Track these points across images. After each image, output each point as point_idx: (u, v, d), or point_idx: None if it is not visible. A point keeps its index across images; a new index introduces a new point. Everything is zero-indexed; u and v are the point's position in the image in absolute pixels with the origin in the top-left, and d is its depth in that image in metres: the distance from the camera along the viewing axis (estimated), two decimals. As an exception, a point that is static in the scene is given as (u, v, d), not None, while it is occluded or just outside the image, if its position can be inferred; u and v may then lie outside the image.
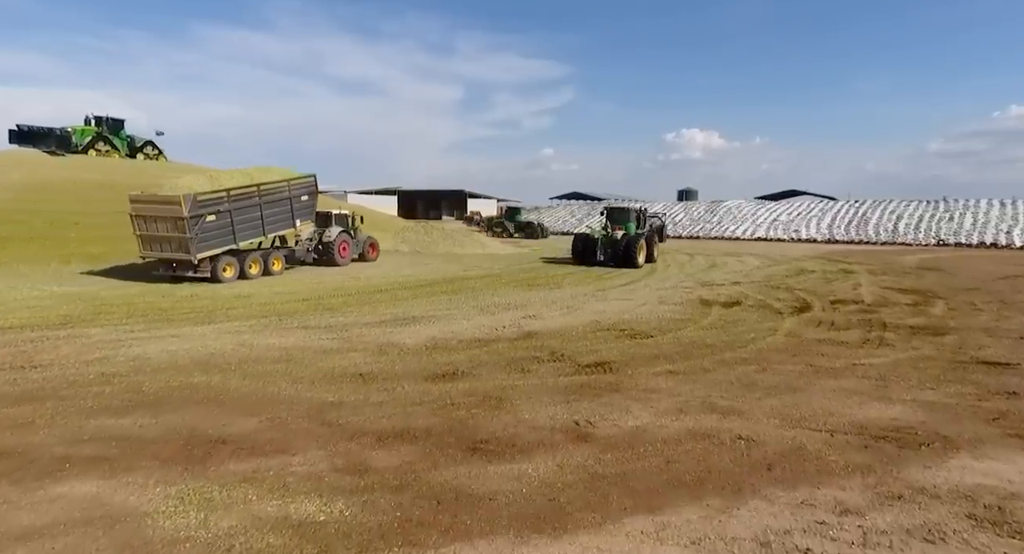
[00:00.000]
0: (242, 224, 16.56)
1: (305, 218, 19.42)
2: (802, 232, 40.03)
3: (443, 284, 15.87)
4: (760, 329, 10.25)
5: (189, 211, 14.89)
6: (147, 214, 15.53)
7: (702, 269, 20.87)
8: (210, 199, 15.80)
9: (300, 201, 18.91)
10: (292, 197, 18.50)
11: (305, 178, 19.57)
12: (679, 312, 11.92)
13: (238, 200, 16.52)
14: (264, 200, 17.38)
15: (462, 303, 12.65)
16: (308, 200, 19.40)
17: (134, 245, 19.22)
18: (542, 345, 8.90)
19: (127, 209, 15.93)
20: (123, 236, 19.86)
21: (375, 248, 22.64)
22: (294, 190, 18.64)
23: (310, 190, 19.53)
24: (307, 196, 19.30)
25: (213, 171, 20.27)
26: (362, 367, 7.46)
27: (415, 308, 11.91)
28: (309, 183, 19.58)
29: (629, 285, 16.14)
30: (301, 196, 18.97)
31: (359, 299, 13.01)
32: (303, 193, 19.09)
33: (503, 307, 12.22)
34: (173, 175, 30.67)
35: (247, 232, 16.83)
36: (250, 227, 16.94)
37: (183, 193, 15.54)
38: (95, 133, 33.17)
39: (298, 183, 19.01)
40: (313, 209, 19.87)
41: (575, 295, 14.12)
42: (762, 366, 7.80)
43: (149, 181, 27.94)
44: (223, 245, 15.96)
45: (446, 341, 9.05)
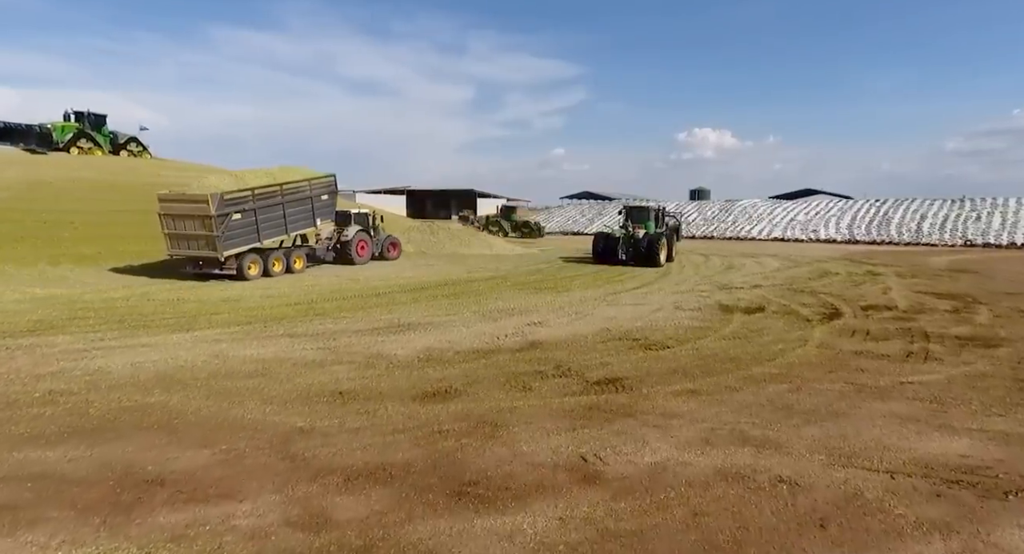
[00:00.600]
0: (266, 223, 16.89)
1: (325, 217, 19.59)
2: (820, 232, 38.71)
3: (445, 287, 15.06)
4: (788, 339, 9.30)
5: (216, 209, 15.20)
6: (175, 213, 15.88)
7: (719, 271, 19.86)
8: (236, 198, 16.25)
9: (320, 200, 19.15)
10: (313, 196, 18.78)
11: (325, 178, 19.91)
12: (697, 319, 11.00)
13: (262, 199, 16.91)
14: (287, 199, 17.71)
15: (463, 308, 11.83)
16: (328, 199, 19.63)
17: (129, 245, 18.72)
18: (547, 357, 8.04)
19: (156, 208, 16.18)
20: (119, 235, 19.35)
21: (396, 247, 22.63)
22: (315, 189, 18.94)
23: (330, 190, 19.76)
24: (327, 196, 19.53)
25: (238, 172, 20.47)
26: (344, 383, 6.65)
27: (412, 314, 11.11)
28: (329, 183, 19.87)
29: (642, 289, 15.22)
30: (321, 196, 19.23)
31: (354, 303, 12.23)
32: (323, 192, 19.37)
33: (507, 313, 11.38)
34: (195, 174, 30.27)
35: (271, 231, 17.17)
36: (274, 226, 17.29)
37: (210, 192, 15.98)
38: (76, 129, 31.70)
39: (318, 183, 19.35)
40: (333, 208, 20.02)
41: (584, 299, 13.23)
42: (796, 384, 6.87)
43: (151, 181, 27.46)
44: (248, 243, 16.26)
45: (441, 352, 8.23)
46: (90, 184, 23.52)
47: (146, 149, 35.53)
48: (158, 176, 28.60)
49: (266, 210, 16.98)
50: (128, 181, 25.37)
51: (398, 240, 23.07)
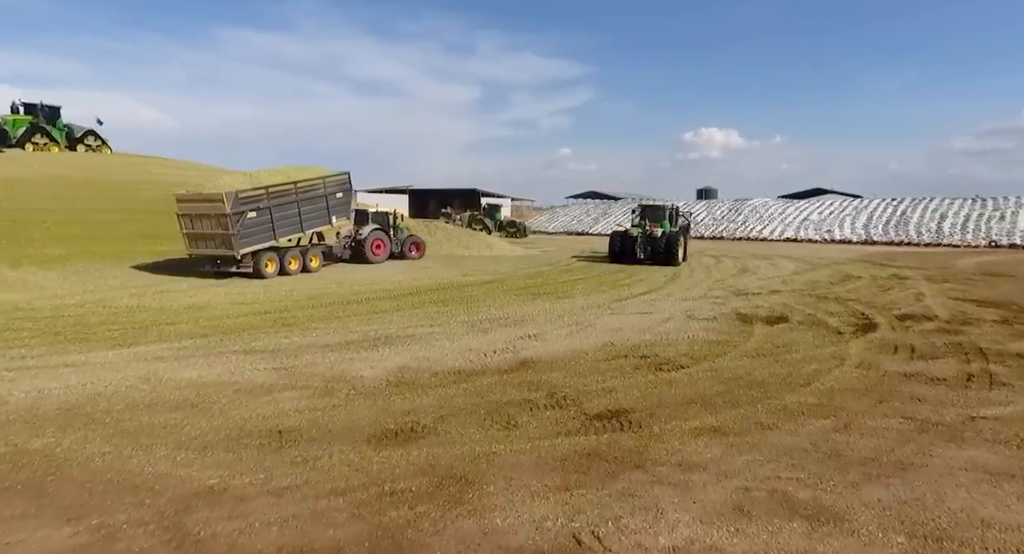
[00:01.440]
0: (281, 221, 16.88)
1: (341, 215, 19.41)
2: (835, 232, 37.22)
3: (436, 292, 13.85)
4: (821, 357, 8.03)
5: (231, 208, 15.28)
6: (192, 212, 16.09)
7: (732, 274, 18.55)
8: (251, 196, 16.36)
9: (335, 199, 19.03)
10: (328, 195, 18.71)
11: (340, 176, 19.74)
12: (713, 331, 9.74)
13: (277, 197, 16.93)
14: (301, 197, 17.65)
15: (451, 317, 10.62)
16: (343, 197, 19.47)
17: (104, 246, 17.63)
18: (539, 380, 6.81)
19: (175, 209, 16.40)
20: (94, 236, 18.27)
21: (418, 248, 22.18)
22: (329, 188, 18.84)
23: (345, 188, 19.62)
24: (342, 193, 19.36)
25: (253, 172, 20.32)
26: (288, 418, 5.45)
27: (393, 324, 9.91)
28: (344, 181, 19.70)
29: (650, 295, 13.95)
30: (336, 194, 19.11)
31: (330, 311, 11.05)
32: (338, 191, 19.23)
33: (499, 323, 10.16)
34: (212, 176, 29.28)
35: (286, 229, 17.17)
36: (289, 224, 17.27)
37: (225, 190, 16.14)
38: (30, 123, 29.42)
39: (333, 181, 19.26)
40: (348, 206, 19.83)
41: (586, 307, 11.99)
42: (841, 420, 5.61)
43: (133, 178, 26.48)
44: (264, 241, 16.31)
45: (416, 373, 7.02)
46: (66, 182, 22.50)
47: (105, 143, 33.25)
48: (148, 174, 27.62)
49: (281, 208, 16.96)
50: (109, 179, 24.36)
51: (421, 241, 22.59)
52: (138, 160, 30.70)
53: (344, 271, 18.12)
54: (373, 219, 21.09)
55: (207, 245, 16.13)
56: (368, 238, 20.34)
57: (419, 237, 22.97)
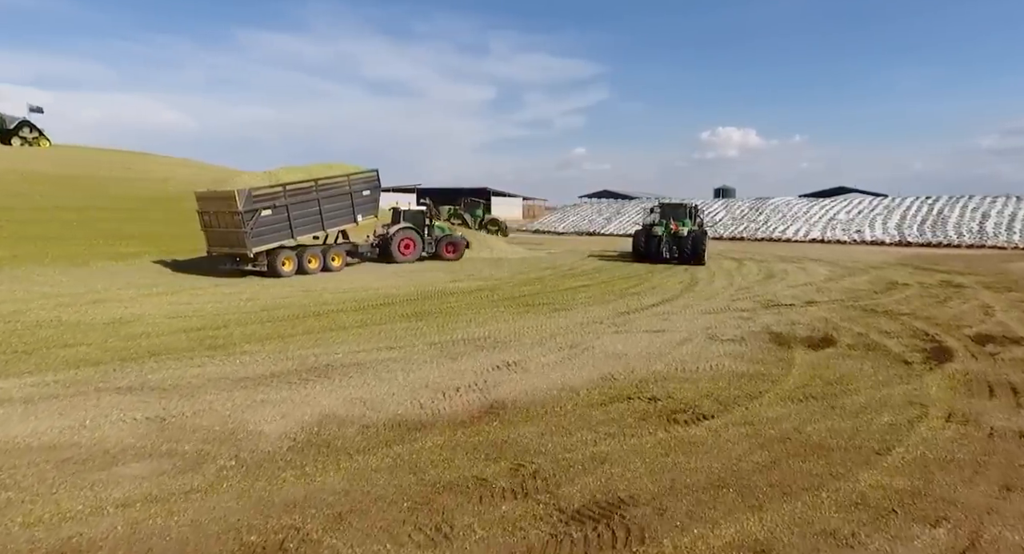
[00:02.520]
0: (299, 219, 16.50)
1: (367, 213, 18.94)
2: (865, 233, 34.61)
3: (414, 302, 11.98)
4: (893, 402, 5.99)
5: (244, 206, 15.02)
6: (209, 210, 15.94)
7: (758, 280, 16.41)
8: (265, 194, 15.99)
9: (362, 196, 18.58)
10: (352, 192, 18.23)
11: (367, 173, 19.21)
12: (743, 358, 7.72)
13: (295, 195, 16.53)
14: (322, 195, 17.23)
15: (419, 336, 8.73)
16: (370, 195, 18.98)
17: (61, 247, 16.08)
18: (505, 440, 4.90)
19: (195, 206, 16.23)
20: (53, 236, 16.73)
21: (454, 248, 21.09)
22: (354, 185, 18.38)
23: (372, 185, 19.10)
24: (369, 191, 18.89)
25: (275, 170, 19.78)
26: (100, 521, 3.59)
27: (344, 345, 8.05)
28: (371, 178, 19.18)
29: (663, 306, 11.92)
30: (362, 191, 18.65)
31: (278, 327, 9.22)
32: (364, 188, 18.76)
33: (475, 345, 8.25)
34: (203, 173, 27.82)
35: (305, 227, 16.77)
36: (308, 222, 16.84)
37: (237, 188, 15.92)
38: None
39: (358, 178, 18.77)
40: (376, 204, 19.35)
41: (586, 322, 10.02)
42: (959, 527, 3.61)
43: (117, 175, 25.06)
44: (279, 239, 15.98)
45: (340, 427, 5.14)
46: (38, 177, 21.08)
47: (43, 134, 30.76)
48: (129, 170, 26.22)
49: (300, 206, 16.56)
50: (86, 174, 22.94)
51: (460, 241, 21.49)
52: (122, 156, 29.33)
53: (324, 277, 16.36)
54: (405, 217, 20.49)
55: (223, 243, 15.90)
56: (396, 237, 19.65)
57: (458, 237, 21.72)
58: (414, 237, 20.14)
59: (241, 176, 32.13)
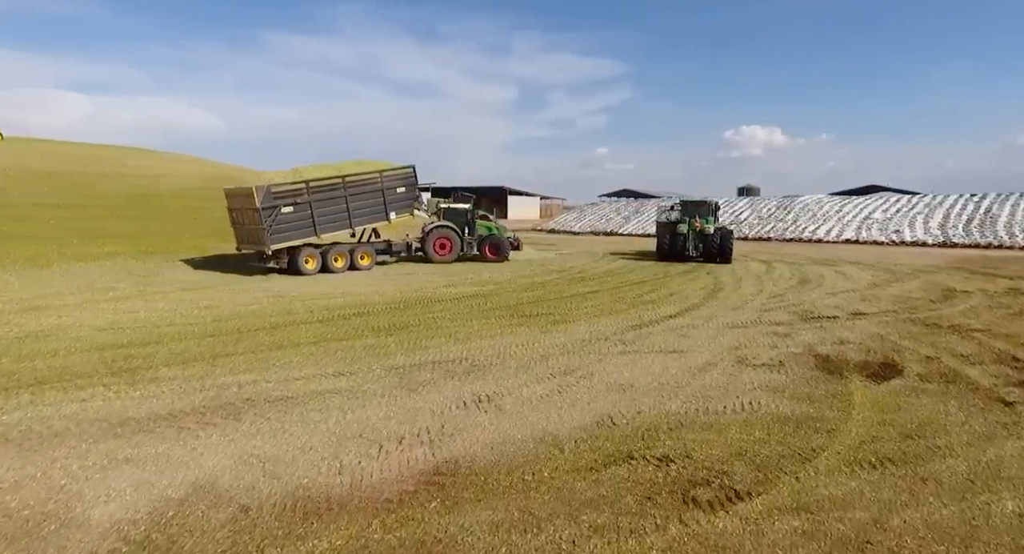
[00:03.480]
0: (324, 216, 16.07)
1: (402, 210, 18.17)
2: (905, 233, 32.04)
3: (391, 312, 10.44)
4: (1010, 470, 4.23)
5: (262, 202, 14.80)
6: (236, 207, 15.78)
7: (791, 286, 14.49)
8: (286, 190, 15.68)
9: (395, 193, 17.83)
10: (385, 189, 17.53)
11: (402, 170, 18.44)
12: (783, 393, 5.98)
13: (320, 192, 16.11)
14: (351, 192, 16.71)
15: (381, 357, 7.16)
16: (405, 192, 18.16)
17: (22, 248, 14.94)
18: (437, 542, 3.28)
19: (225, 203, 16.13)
20: (23, 235, 15.66)
21: (496, 249, 19.75)
22: (387, 181, 17.65)
23: (407, 182, 18.31)
24: (404, 188, 18.12)
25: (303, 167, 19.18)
26: None
27: (283, 370, 6.52)
28: (406, 174, 18.38)
29: (682, 317, 10.16)
30: (396, 188, 17.86)
31: (217, 344, 7.74)
32: (398, 185, 17.96)
33: (445, 370, 6.65)
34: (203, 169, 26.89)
35: (330, 224, 16.31)
36: (333, 219, 16.36)
37: (256, 184, 15.63)
38: None
39: (392, 174, 18.04)
40: (412, 201, 18.52)
41: (589, 339, 8.35)
42: None
43: (107, 171, 24.10)
44: (302, 237, 15.67)
45: (205, 513, 3.60)
46: (21, 173, 20.12)
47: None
48: (122, 166, 25.27)
49: (325, 203, 16.12)
50: (72, 170, 21.99)
51: (502, 241, 19.91)
52: (118, 151, 28.47)
53: (312, 280, 14.94)
54: (446, 215, 19.50)
55: (249, 240, 15.67)
56: (431, 235, 18.72)
57: (503, 237, 20.05)
58: (451, 236, 18.97)
59: (242, 173, 31.07)
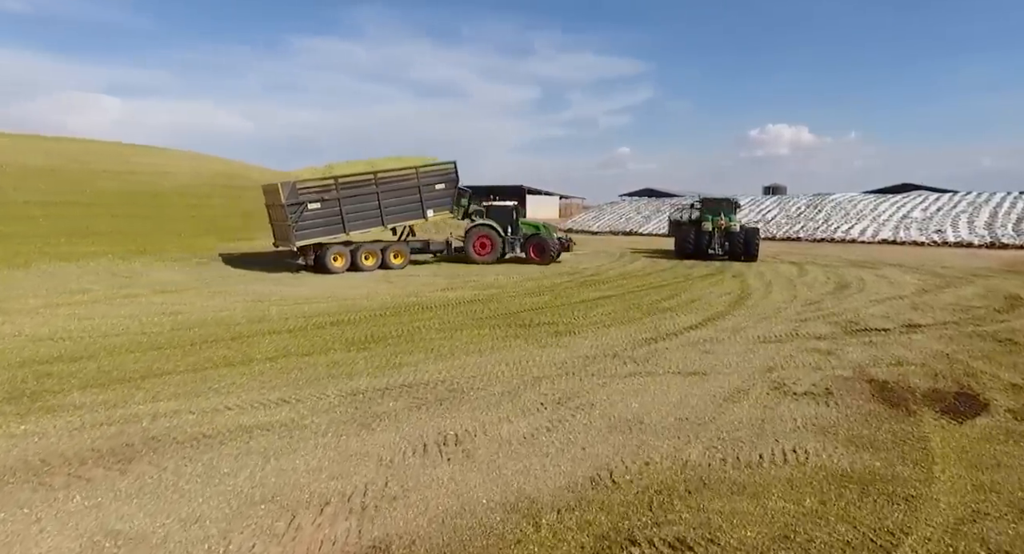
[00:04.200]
0: (353, 213, 15.75)
1: (440, 208, 17.42)
2: (947, 233, 29.83)
3: (373, 320, 9.31)
4: None
5: (287, 199, 14.73)
6: (269, 203, 15.74)
7: (828, 291, 12.96)
8: (312, 187, 15.40)
9: (433, 190, 17.09)
10: (422, 185, 16.79)
11: (441, 165, 17.56)
12: (836, 436, 4.66)
13: (349, 188, 15.76)
14: (383, 189, 16.16)
15: (340, 381, 6.02)
16: (444, 189, 17.35)
17: (1, 246, 14.27)
18: None
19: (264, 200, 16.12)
20: (6, 234, 15.00)
21: (541, 250, 18.21)
22: (424, 178, 16.89)
23: (448, 178, 17.44)
24: (443, 184, 17.33)
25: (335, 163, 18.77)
26: None
27: (218, 396, 5.43)
28: (446, 170, 17.51)
29: (704, 328, 8.81)
30: (434, 184, 17.10)
31: (157, 360, 6.69)
32: (437, 181, 17.18)
33: (414, 397, 5.47)
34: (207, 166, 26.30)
35: (361, 222, 15.95)
36: (364, 216, 15.99)
37: (282, 181, 15.45)
38: None
39: (429, 171, 17.20)
40: (451, 199, 17.66)
41: (594, 356, 7.09)
42: None
43: (111, 168, 23.56)
44: (328, 234, 15.45)
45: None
46: (21, 170, 19.59)
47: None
48: (126, 163, 24.73)
49: (354, 200, 15.75)
50: (74, 168, 21.44)
51: (548, 242, 18.20)
52: (124, 149, 28.01)
53: (305, 281, 13.95)
54: (490, 213, 18.46)
55: (282, 237, 15.58)
56: (471, 234, 17.83)
57: (549, 237, 18.36)
58: (492, 235, 17.91)
59: (251, 170, 30.41)
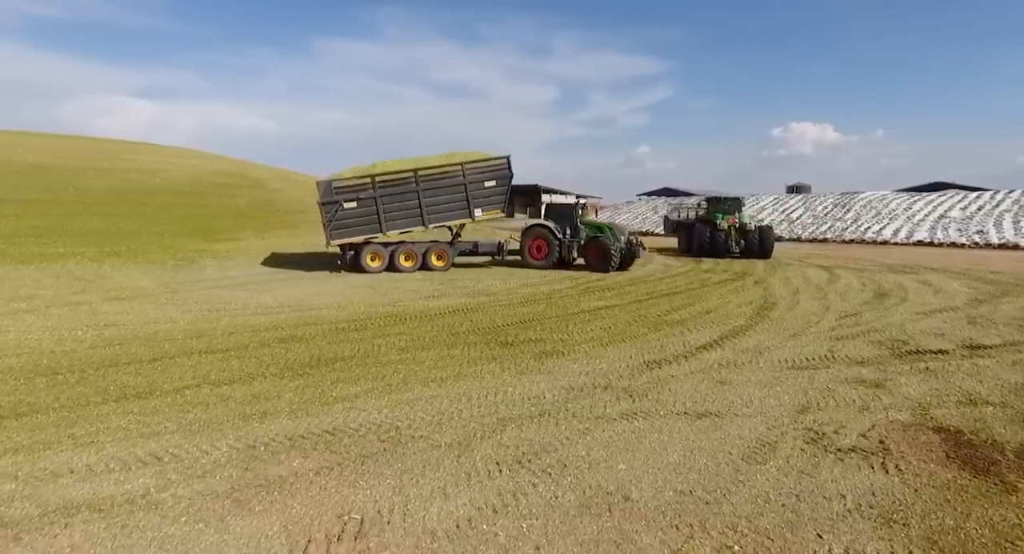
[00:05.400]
0: (392, 213, 15.20)
1: (490, 207, 16.01)
2: (990, 234, 27.62)
3: (330, 336, 8.03)
4: None
5: (322, 197, 14.72)
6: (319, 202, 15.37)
7: (865, 300, 11.34)
8: (349, 185, 15.06)
9: (483, 188, 15.78)
10: (469, 183, 15.58)
11: (492, 161, 16.01)
12: (906, 525, 3.20)
13: (387, 187, 15.14)
14: (424, 187, 15.30)
15: (248, 426, 4.74)
16: (495, 186, 15.91)
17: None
18: None
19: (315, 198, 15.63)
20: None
21: (602, 255, 15.93)
22: (472, 175, 15.68)
23: (500, 174, 15.95)
24: (494, 181, 15.89)
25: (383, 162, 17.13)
26: None
27: (68, 453, 4.19)
28: (497, 166, 16.00)
29: (720, 349, 7.34)
30: (484, 181, 15.78)
31: (33, 392, 5.48)
32: (486, 178, 15.83)
33: (328, 455, 4.16)
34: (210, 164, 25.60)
35: (399, 221, 15.34)
36: (403, 216, 15.33)
37: (319, 180, 15.42)
38: None
39: (478, 166, 15.82)
40: (503, 197, 16.11)
41: (580, 387, 5.70)
42: None
43: (103, 165, 22.81)
44: (363, 234, 15.14)
45: None
46: (12, 168, 18.85)
47: None
48: (120, 161, 23.98)
49: (392, 199, 15.13)
50: (61, 165, 20.68)
51: (607, 247, 15.76)
52: (118, 146, 27.28)
53: (281, 286, 12.77)
54: (547, 213, 17.16)
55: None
56: (527, 236, 16.57)
57: (612, 241, 15.89)
58: (548, 238, 16.36)
59: (254, 170, 29.55)
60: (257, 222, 20.95)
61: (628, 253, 16.22)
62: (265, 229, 20.30)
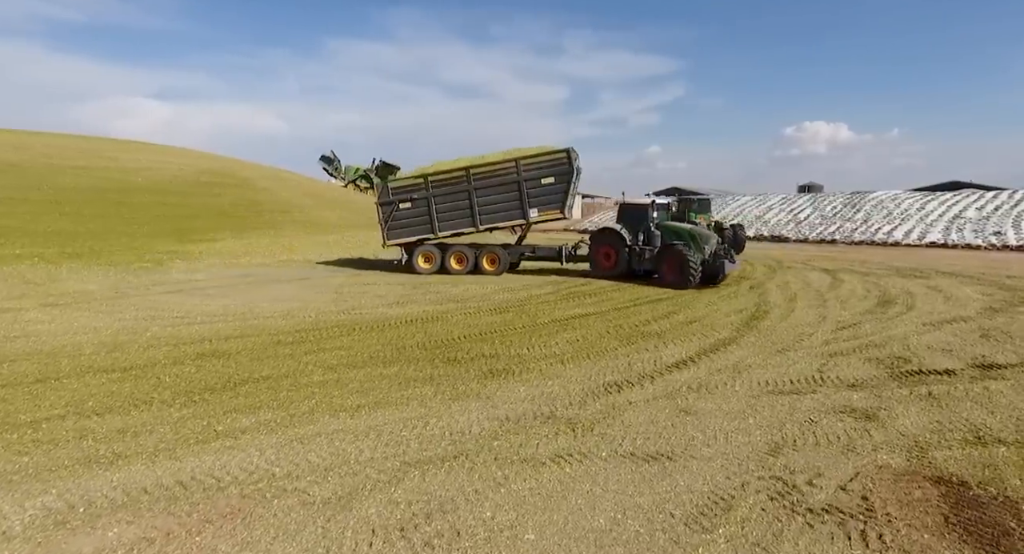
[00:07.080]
0: (445, 213, 14.79)
1: (549, 207, 14.48)
2: (1008, 235, 26.27)
3: (260, 351, 7.23)
4: None
5: (380, 198, 15.10)
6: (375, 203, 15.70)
7: (867, 308, 10.34)
8: (403, 186, 15.12)
9: (540, 185, 14.38)
10: (524, 180, 14.37)
11: (550, 155, 14.44)
12: None
13: (440, 187, 14.73)
14: (477, 185, 14.51)
15: (90, 476, 3.94)
16: (553, 184, 14.34)
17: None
18: None
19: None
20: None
21: (676, 265, 12.94)
22: (528, 171, 14.38)
23: (559, 170, 14.31)
24: (554, 178, 14.34)
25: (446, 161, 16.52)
26: None
27: None
28: (557, 160, 14.37)
29: (694, 367, 6.44)
30: (541, 178, 14.37)
31: None
32: (544, 174, 14.36)
33: (146, 529, 3.33)
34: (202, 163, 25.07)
35: (452, 222, 14.87)
36: (455, 217, 14.81)
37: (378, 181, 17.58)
38: None
39: (535, 161, 14.39)
40: (567, 194, 14.39)
41: (518, 418, 4.85)
42: None
43: (84, 164, 22.26)
44: (416, 234, 15.05)
45: None
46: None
47: None
48: (95, 158, 23.44)
49: (445, 199, 14.71)
50: (41, 163, 20.14)
51: (684, 257, 12.81)
52: (102, 143, 26.75)
53: (217, 292, 12.02)
54: (620, 215, 14.69)
55: None
56: (595, 241, 14.74)
57: (691, 252, 12.83)
58: (614, 243, 14.22)
59: (243, 167, 28.95)
60: (238, 222, 20.28)
61: (714, 265, 12.95)
62: (245, 229, 19.62)
